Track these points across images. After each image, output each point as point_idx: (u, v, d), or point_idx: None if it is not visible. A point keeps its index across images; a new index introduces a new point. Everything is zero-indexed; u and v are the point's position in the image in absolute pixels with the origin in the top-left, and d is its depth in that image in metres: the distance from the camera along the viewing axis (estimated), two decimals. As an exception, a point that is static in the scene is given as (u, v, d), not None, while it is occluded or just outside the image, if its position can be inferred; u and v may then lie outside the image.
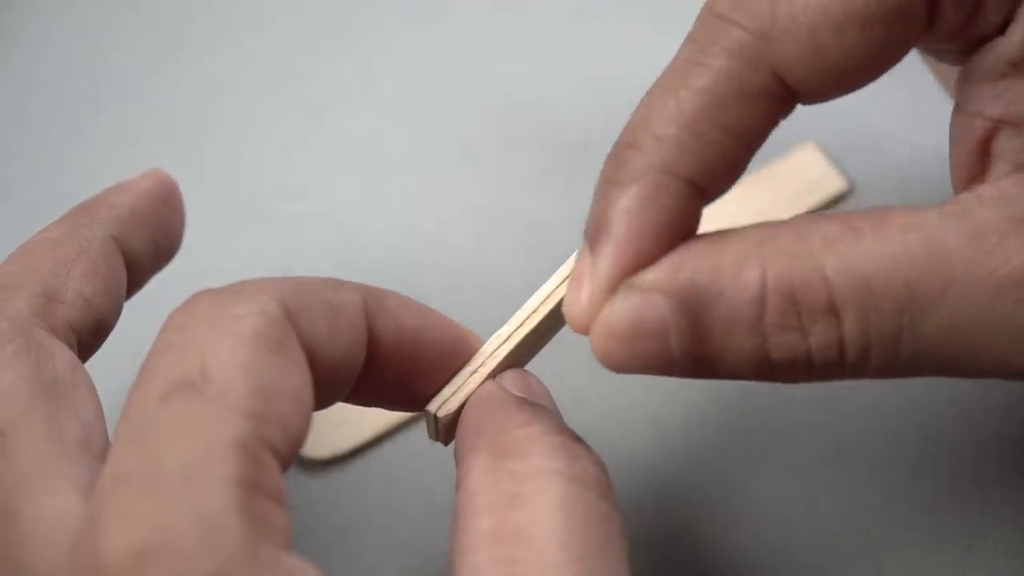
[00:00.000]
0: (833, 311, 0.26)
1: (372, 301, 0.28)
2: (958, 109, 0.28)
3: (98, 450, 0.27)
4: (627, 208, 0.26)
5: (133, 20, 0.48)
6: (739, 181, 0.28)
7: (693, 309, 0.26)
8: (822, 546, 0.35)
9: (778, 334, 0.26)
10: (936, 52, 0.29)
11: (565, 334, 0.31)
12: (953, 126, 0.28)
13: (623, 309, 0.26)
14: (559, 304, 0.29)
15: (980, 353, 0.26)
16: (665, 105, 0.27)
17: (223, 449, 0.23)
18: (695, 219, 0.27)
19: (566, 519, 0.25)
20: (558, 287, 0.30)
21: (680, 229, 0.27)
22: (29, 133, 0.45)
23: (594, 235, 0.27)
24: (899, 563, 0.35)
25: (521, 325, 0.30)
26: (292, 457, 0.25)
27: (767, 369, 0.26)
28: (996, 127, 0.27)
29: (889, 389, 0.37)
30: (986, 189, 0.27)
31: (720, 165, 0.27)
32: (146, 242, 0.33)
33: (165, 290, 0.35)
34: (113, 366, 0.33)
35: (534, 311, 0.30)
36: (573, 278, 0.28)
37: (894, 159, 0.42)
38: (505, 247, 0.41)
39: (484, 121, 0.44)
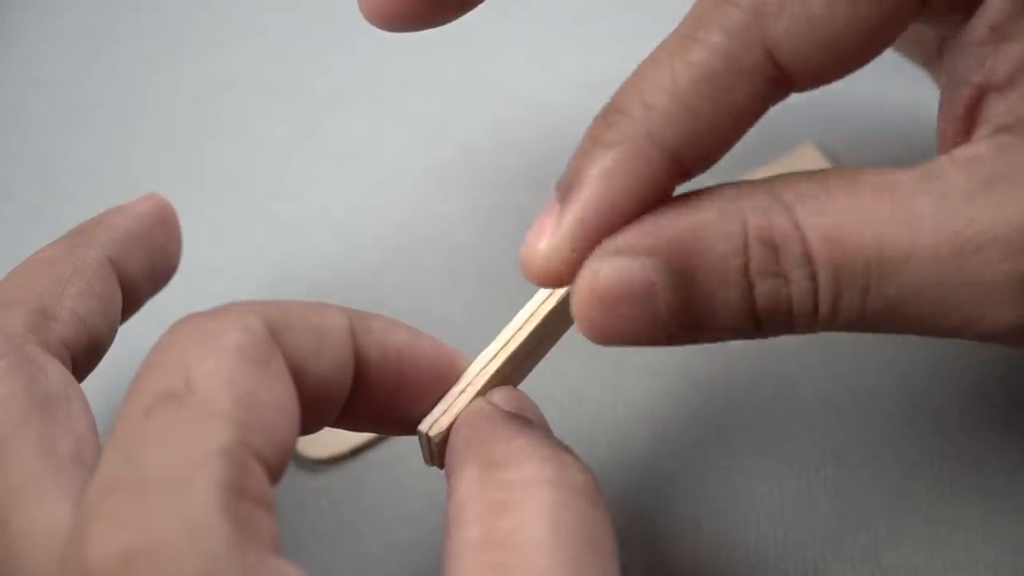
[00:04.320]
0: (808, 261, 0.26)
1: (357, 323, 0.28)
2: (947, 82, 0.28)
3: (90, 462, 0.27)
4: (604, 169, 0.26)
5: (133, 20, 0.48)
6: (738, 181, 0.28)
7: (679, 266, 0.26)
8: (822, 546, 0.35)
9: (763, 281, 0.26)
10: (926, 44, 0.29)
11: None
12: (942, 99, 0.28)
13: (609, 273, 0.26)
14: (545, 319, 0.29)
15: (948, 312, 0.26)
16: (658, 75, 0.27)
17: (207, 455, 0.24)
18: (668, 195, 0.27)
19: (554, 524, 0.25)
20: (542, 304, 0.30)
21: (652, 202, 0.27)
22: (29, 133, 0.45)
23: (566, 189, 0.27)
24: (899, 563, 0.35)
25: (507, 343, 0.30)
26: (281, 466, 0.25)
27: (751, 321, 0.27)
28: (982, 92, 0.27)
29: (889, 387, 0.37)
30: (961, 151, 0.27)
31: (705, 141, 0.27)
32: (142, 264, 0.33)
33: (165, 291, 0.35)
34: (110, 379, 0.33)
35: (519, 328, 0.30)
36: (535, 227, 0.27)
37: (894, 160, 0.42)
38: (505, 247, 0.41)
39: (484, 121, 0.44)
